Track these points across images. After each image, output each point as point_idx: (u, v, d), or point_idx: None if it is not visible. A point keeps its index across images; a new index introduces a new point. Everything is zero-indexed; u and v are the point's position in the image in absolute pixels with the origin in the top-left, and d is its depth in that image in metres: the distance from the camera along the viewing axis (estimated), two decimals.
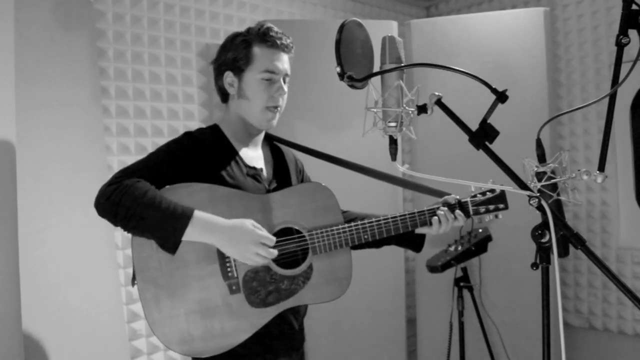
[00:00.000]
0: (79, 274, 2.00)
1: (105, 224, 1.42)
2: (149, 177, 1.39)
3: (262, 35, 1.52)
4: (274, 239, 1.43)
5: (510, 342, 2.80)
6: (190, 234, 1.35)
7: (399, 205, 2.92)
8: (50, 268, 1.90)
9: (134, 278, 1.41)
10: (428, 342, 3.01)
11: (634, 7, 1.12)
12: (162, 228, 1.34)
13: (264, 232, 1.42)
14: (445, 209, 1.59)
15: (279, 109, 1.56)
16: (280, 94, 1.54)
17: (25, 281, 1.71)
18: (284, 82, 1.56)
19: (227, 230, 1.39)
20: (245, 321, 1.44)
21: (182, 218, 1.34)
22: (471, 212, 1.62)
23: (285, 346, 1.55)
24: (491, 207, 1.61)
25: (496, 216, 1.63)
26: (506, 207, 1.62)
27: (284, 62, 1.55)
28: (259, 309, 1.45)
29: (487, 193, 1.62)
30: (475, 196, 1.62)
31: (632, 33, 1.13)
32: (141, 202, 1.32)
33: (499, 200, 1.61)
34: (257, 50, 1.52)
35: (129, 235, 1.40)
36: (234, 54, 1.53)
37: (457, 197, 1.62)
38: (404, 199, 3.17)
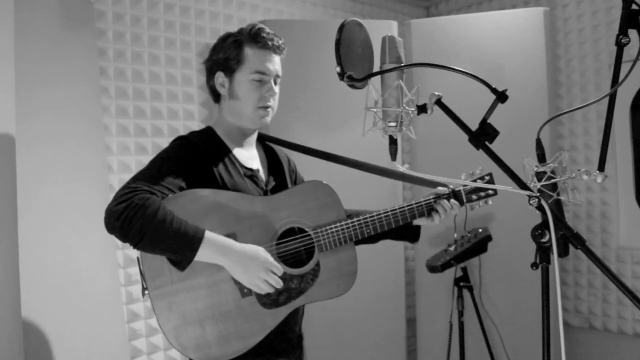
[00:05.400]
0: (79, 274, 2.00)
1: None
2: (154, 189, 1.36)
3: (253, 36, 1.53)
4: (282, 269, 1.45)
5: (510, 342, 2.79)
6: (201, 256, 1.36)
7: (398, 194, 2.92)
8: (50, 268, 1.90)
9: (144, 288, 1.41)
10: (428, 342, 3.00)
11: (634, 7, 1.12)
12: (174, 250, 1.34)
13: (274, 261, 1.44)
14: (445, 201, 1.65)
15: (270, 108, 1.56)
16: (271, 95, 1.54)
17: (25, 281, 1.71)
18: (275, 83, 1.57)
19: (239, 256, 1.40)
20: (259, 323, 1.46)
21: (193, 241, 1.34)
22: (465, 200, 1.69)
23: (284, 345, 1.55)
24: (482, 193, 1.70)
25: (486, 202, 1.71)
26: (495, 193, 1.71)
27: (275, 63, 1.55)
28: (271, 309, 1.47)
29: (478, 181, 1.69)
30: (466, 185, 1.69)
31: (632, 33, 1.13)
32: (151, 223, 1.29)
33: None
34: (249, 51, 1.53)
35: None
36: (225, 55, 1.54)
37: (451, 186, 1.69)
38: (404, 187, 3.18)
